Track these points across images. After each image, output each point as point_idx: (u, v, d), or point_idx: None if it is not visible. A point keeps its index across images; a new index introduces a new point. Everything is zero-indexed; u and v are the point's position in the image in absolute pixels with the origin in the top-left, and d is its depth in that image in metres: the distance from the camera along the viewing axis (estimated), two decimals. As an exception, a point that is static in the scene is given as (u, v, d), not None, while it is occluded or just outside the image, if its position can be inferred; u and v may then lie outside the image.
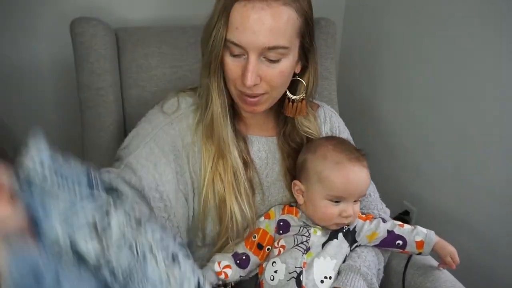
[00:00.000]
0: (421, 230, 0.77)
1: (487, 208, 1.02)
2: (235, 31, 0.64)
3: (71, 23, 0.91)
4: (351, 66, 1.46)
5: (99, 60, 0.91)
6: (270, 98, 0.71)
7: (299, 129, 0.79)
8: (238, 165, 0.73)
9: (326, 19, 1.05)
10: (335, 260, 0.73)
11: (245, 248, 0.76)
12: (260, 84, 0.67)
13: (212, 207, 0.73)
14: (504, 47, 0.91)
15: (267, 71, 0.67)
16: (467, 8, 0.99)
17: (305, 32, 0.69)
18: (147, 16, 1.22)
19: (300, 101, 0.75)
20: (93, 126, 0.91)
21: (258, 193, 0.79)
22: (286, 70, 0.69)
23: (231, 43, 0.65)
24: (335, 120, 0.87)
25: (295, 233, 0.74)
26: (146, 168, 0.68)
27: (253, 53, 0.64)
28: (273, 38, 0.63)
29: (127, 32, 1.01)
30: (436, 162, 1.15)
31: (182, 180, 0.73)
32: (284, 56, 0.67)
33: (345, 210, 0.72)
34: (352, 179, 0.72)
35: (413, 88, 1.20)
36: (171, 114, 0.74)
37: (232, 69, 0.68)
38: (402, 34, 1.21)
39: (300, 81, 0.75)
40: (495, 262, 1.00)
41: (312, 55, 0.73)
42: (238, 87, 0.69)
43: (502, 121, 0.95)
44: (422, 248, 0.75)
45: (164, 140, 0.71)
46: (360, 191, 0.74)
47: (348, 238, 0.76)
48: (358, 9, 1.41)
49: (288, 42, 0.65)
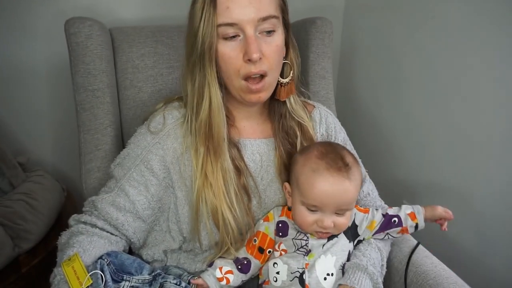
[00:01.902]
0: (406, 206, 0.79)
1: (487, 208, 1.02)
2: (226, 12, 0.65)
3: (66, 23, 0.89)
4: (351, 66, 1.46)
5: (95, 61, 0.89)
6: (270, 81, 0.72)
7: (292, 113, 0.80)
8: (230, 170, 0.73)
9: (322, 18, 1.06)
10: (335, 257, 0.73)
11: (246, 253, 0.76)
12: (262, 60, 0.68)
13: (206, 217, 0.73)
14: (504, 47, 0.91)
15: (266, 46, 0.68)
16: (467, 8, 0.99)
17: (284, 8, 0.73)
18: (142, 15, 1.20)
19: (289, 82, 0.77)
20: (90, 128, 0.89)
21: (254, 197, 0.78)
22: (280, 44, 0.71)
23: (225, 25, 0.66)
24: (331, 121, 0.87)
25: (293, 237, 0.74)
26: (138, 190, 0.73)
27: (250, 27, 0.66)
28: (264, 8, 0.66)
29: (122, 31, 0.99)
30: (436, 162, 1.15)
31: (174, 193, 0.75)
32: (276, 28, 0.69)
33: (321, 220, 0.70)
34: (326, 190, 0.68)
35: (412, 88, 1.20)
36: (158, 132, 0.75)
37: (231, 55, 0.68)
38: (402, 34, 1.21)
39: (286, 63, 0.77)
40: (495, 262, 1.01)
41: (290, 36, 0.76)
42: (242, 72, 0.68)
43: (502, 121, 0.95)
44: (415, 218, 0.78)
45: (153, 161, 0.74)
46: (338, 203, 0.69)
47: (348, 234, 0.76)
48: (357, 9, 1.40)
49: (276, 11, 0.69)
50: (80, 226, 0.71)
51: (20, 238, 1.09)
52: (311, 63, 1.05)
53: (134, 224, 0.74)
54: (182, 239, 0.77)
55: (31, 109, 1.26)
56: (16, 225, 1.09)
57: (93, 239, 0.69)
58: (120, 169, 0.75)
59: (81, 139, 0.89)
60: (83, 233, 0.70)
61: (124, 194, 0.73)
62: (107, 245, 0.70)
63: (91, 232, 0.70)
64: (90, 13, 1.09)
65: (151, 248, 0.78)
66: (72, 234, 0.71)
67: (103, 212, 0.72)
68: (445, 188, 1.13)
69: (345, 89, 1.50)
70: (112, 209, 0.72)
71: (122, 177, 0.74)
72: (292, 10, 0.77)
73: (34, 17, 1.15)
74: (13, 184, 1.18)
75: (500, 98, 0.94)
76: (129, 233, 0.73)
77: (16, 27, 1.17)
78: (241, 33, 0.67)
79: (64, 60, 0.94)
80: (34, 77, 1.23)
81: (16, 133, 1.28)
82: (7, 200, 1.13)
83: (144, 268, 0.67)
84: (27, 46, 1.19)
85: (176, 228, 0.76)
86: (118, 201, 0.72)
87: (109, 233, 0.72)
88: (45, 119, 1.29)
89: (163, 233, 0.78)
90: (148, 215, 0.75)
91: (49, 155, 1.34)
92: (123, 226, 0.72)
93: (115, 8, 1.18)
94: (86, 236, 0.69)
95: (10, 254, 1.07)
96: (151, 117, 0.78)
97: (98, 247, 0.69)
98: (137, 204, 0.73)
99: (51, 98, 1.26)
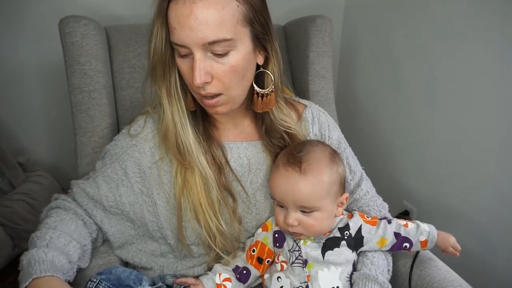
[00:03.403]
0: (424, 228, 0.76)
1: (487, 208, 1.01)
2: (174, 31, 0.61)
3: (60, 22, 0.87)
4: (351, 65, 1.44)
5: (91, 61, 0.88)
6: (228, 99, 0.67)
7: (275, 123, 0.75)
8: (208, 175, 0.70)
9: (322, 16, 1.03)
10: (340, 268, 0.71)
11: (246, 262, 0.75)
12: (212, 83, 0.63)
13: (189, 224, 0.72)
14: (504, 47, 0.90)
15: (217, 67, 0.62)
16: (467, 8, 0.98)
17: (254, 20, 0.64)
18: (137, 12, 1.18)
19: (270, 94, 0.71)
20: (86, 131, 0.88)
21: (243, 201, 0.76)
22: (238, 64, 0.63)
23: (175, 44, 0.63)
24: (324, 120, 0.83)
25: (289, 248, 0.72)
26: (109, 186, 0.74)
27: (196, 50, 0.61)
28: (211, 31, 0.59)
29: (118, 30, 0.98)
30: (436, 161, 1.14)
31: (149, 201, 0.74)
32: (232, 49, 0.62)
33: (286, 217, 0.69)
34: (279, 183, 0.69)
35: (413, 87, 1.19)
36: (136, 136, 0.74)
37: (184, 71, 0.65)
38: (402, 33, 1.19)
39: (265, 73, 0.70)
40: (495, 261, 1.01)
41: (270, 44, 0.68)
42: (194, 89, 0.66)
43: (502, 121, 0.94)
44: (425, 246, 0.76)
45: (128, 163, 0.74)
46: (293, 199, 0.68)
47: (350, 244, 0.74)
48: (357, 8, 1.38)
49: (230, 33, 0.61)
50: (58, 201, 0.75)
51: (20, 238, 1.10)
52: (311, 62, 1.03)
53: (102, 213, 0.75)
54: (167, 245, 0.76)
55: (31, 109, 1.26)
56: (16, 225, 1.10)
57: (69, 213, 0.73)
58: (100, 163, 0.77)
59: (77, 141, 0.88)
60: (60, 207, 0.74)
61: (96, 186, 0.75)
62: (80, 223, 0.73)
63: (68, 207, 0.74)
64: (83, 8, 1.08)
65: (137, 254, 0.78)
66: (51, 207, 0.74)
67: (76, 196, 0.75)
68: (445, 188, 1.13)
69: (345, 88, 1.49)
70: (83, 194, 0.75)
71: (99, 171, 0.76)
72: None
73: (32, 15, 1.14)
74: (13, 184, 1.19)
75: (500, 98, 0.93)
76: (97, 220, 0.75)
77: (15, 26, 1.16)
78: (192, 52, 0.63)
79: (56, 60, 0.93)
80: (34, 77, 1.22)
81: (16, 133, 1.28)
82: (7, 200, 1.14)
83: (143, 279, 0.66)
84: (27, 46, 1.18)
85: (159, 234, 0.76)
86: (88, 191, 0.75)
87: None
88: (45, 119, 1.29)
89: (142, 237, 0.78)
90: (115, 212, 0.75)
91: (49, 155, 1.34)
92: (91, 211, 0.75)
93: (109, 4, 1.16)
94: (63, 210, 0.73)
95: (10, 254, 1.08)
96: (134, 120, 0.78)
97: (72, 220, 0.72)
98: (104, 199, 0.74)
99: (51, 98, 1.26)
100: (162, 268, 0.77)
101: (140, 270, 0.79)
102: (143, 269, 0.78)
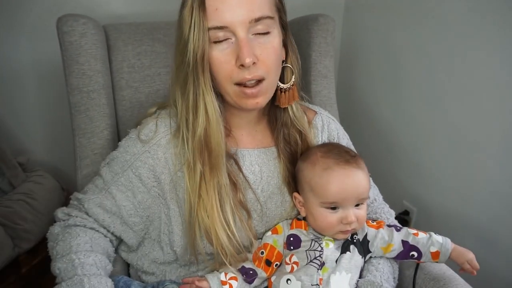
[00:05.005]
0: (436, 239, 0.73)
1: (487, 208, 1.01)
2: (215, 14, 0.60)
3: (58, 21, 0.85)
4: (351, 64, 1.44)
5: (90, 61, 0.87)
6: (268, 86, 0.67)
7: (294, 120, 0.76)
8: (226, 185, 0.69)
9: (325, 15, 1.01)
10: (350, 274, 0.70)
11: (253, 264, 0.74)
12: (257, 64, 0.63)
13: (199, 235, 0.70)
14: (504, 47, 0.90)
15: (261, 48, 0.63)
16: (466, 8, 0.97)
17: (281, 8, 0.68)
18: (137, 10, 1.17)
19: (291, 88, 0.73)
20: (86, 132, 0.87)
21: (254, 210, 0.75)
22: (277, 46, 0.66)
23: (215, 29, 0.61)
24: (333, 128, 0.83)
25: (306, 248, 0.71)
26: (125, 195, 0.71)
27: (242, 30, 0.61)
28: (257, 8, 0.61)
29: (117, 29, 0.96)
30: (436, 161, 1.14)
31: (165, 203, 0.73)
32: (271, 29, 0.64)
33: (345, 216, 0.69)
34: (342, 183, 0.69)
35: (413, 87, 1.18)
36: (148, 141, 0.71)
37: (223, 60, 0.63)
38: (402, 33, 1.19)
39: (286, 67, 0.72)
40: (495, 261, 1.00)
41: (289, 38, 0.71)
42: (235, 78, 0.64)
43: (502, 121, 0.93)
44: (437, 258, 0.73)
45: (142, 170, 0.71)
46: (356, 194, 0.70)
47: (360, 250, 0.73)
48: (357, 7, 1.37)
49: (271, 12, 0.64)
50: (73, 218, 0.70)
51: (20, 238, 1.09)
52: (313, 61, 1.01)
53: (121, 227, 0.72)
54: (172, 253, 0.74)
55: (31, 109, 1.26)
56: (16, 225, 1.09)
57: (89, 232, 0.69)
58: (108, 171, 0.73)
59: (76, 143, 0.87)
60: (78, 224, 0.69)
61: (112, 197, 0.71)
62: (102, 237, 0.71)
63: (87, 224, 0.70)
64: (81, 7, 1.07)
65: (141, 258, 0.76)
66: (68, 226, 0.69)
67: (90, 212, 0.71)
68: (445, 188, 1.13)
69: (345, 88, 1.48)
70: (99, 210, 0.71)
71: (110, 180, 0.72)
72: (291, 7, 0.74)
73: (32, 15, 1.13)
74: (13, 184, 1.18)
75: (500, 98, 0.93)
76: (116, 234, 0.73)
77: (15, 26, 1.15)
78: (232, 36, 0.62)
79: (53, 60, 0.92)
80: (34, 77, 1.22)
81: (16, 133, 1.27)
82: (7, 200, 1.14)
83: (132, 285, 0.65)
84: (27, 45, 1.17)
85: (167, 239, 0.74)
86: (105, 204, 0.71)
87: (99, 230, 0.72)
88: (45, 119, 1.28)
89: (152, 241, 0.76)
90: (134, 222, 0.73)
91: (49, 155, 1.33)
92: (109, 227, 0.72)
93: (108, 2, 1.15)
94: (83, 227, 0.69)
95: (10, 254, 1.07)
96: (143, 124, 0.74)
97: (96, 238, 0.69)
98: (123, 209, 0.71)
99: (52, 97, 1.25)
100: (165, 273, 0.76)
101: (142, 274, 0.78)
102: (145, 273, 0.77)
